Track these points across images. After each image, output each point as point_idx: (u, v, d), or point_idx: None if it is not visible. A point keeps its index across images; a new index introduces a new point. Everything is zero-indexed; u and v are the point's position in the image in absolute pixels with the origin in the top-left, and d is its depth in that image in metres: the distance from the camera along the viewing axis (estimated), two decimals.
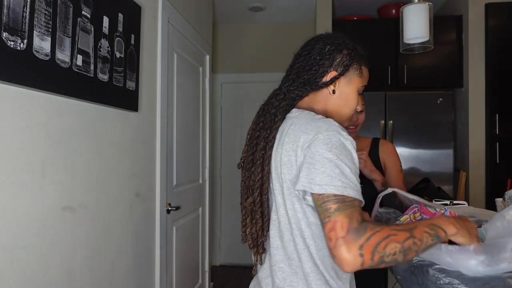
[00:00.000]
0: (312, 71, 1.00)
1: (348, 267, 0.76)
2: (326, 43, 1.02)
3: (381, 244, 0.75)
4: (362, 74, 1.04)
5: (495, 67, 3.02)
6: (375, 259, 0.75)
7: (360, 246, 0.75)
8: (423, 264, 0.97)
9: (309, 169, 0.84)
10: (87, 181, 1.32)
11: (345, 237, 0.76)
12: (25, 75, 1.00)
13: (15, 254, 1.00)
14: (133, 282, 1.65)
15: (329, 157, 0.83)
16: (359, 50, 1.06)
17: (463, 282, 0.87)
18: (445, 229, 0.84)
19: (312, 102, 1.02)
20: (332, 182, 0.81)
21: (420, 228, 0.81)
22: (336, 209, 0.79)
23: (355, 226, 0.77)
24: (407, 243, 0.77)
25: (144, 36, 1.75)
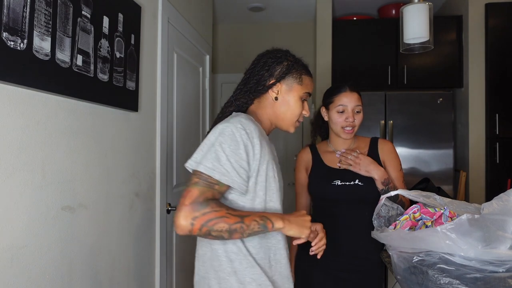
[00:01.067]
0: (254, 80, 1.17)
1: (178, 230, 0.94)
2: (269, 57, 1.18)
3: (212, 221, 0.93)
4: (302, 82, 1.19)
5: (495, 67, 3.02)
6: (203, 231, 0.94)
7: (194, 217, 0.93)
8: (423, 265, 0.97)
9: (197, 149, 1.04)
10: (87, 181, 1.32)
11: (187, 205, 0.94)
12: (25, 75, 1.00)
13: (15, 254, 1.01)
14: (133, 282, 1.65)
15: (212, 143, 1.01)
16: (300, 61, 1.22)
17: (463, 282, 0.87)
18: (273, 222, 1.00)
19: (257, 108, 1.19)
20: (205, 162, 0.98)
21: (252, 217, 0.98)
22: (194, 183, 0.97)
23: (200, 200, 0.95)
24: (234, 226, 0.95)
25: (144, 36, 1.75)
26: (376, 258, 1.52)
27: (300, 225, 1.05)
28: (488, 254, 0.87)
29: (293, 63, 1.18)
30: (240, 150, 1.01)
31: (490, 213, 0.93)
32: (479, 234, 0.88)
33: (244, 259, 1.06)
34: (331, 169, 1.59)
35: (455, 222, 0.93)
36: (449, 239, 0.90)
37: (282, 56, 1.18)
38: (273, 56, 1.18)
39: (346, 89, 1.54)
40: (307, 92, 1.20)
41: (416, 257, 1.00)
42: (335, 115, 1.55)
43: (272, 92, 1.17)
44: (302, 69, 1.20)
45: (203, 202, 0.95)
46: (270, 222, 1.00)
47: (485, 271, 0.88)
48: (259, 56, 1.22)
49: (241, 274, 1.05)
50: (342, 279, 1.51)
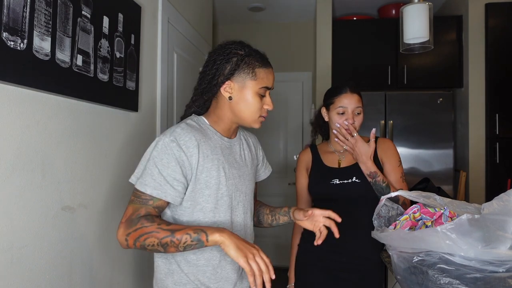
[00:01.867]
0: (206, 81, 1.14)
1: (121, 245, 1.01)
2: (218, 54, 1.13)
3: (142, 237, 0.97)
4: (256, 77, 1.11)
5: (495, 67, 3.02)
6: (137, 245, 0.98)
7: (127, 234, 0.99)
8: (423, 265, 0.97)
9: (139, 165, 1.08)
10: (87, 181, 1.32)
11: (123, 223, 1.00)
12: (25, 75, 1.00)
13: (15, 254, 1.00)
14: (133, 282, 1.65)
15: (147, 158, 1.05)
16: (252, 54, 1.13)
17: (463, 282, 0.87)
18: (209, 235, 0.96)
19: (215, 108, 1.17)
20: (141, 178, 1.03)
21: (184, 231, 0.97)
22: (131, 201, 1.04)
23: (133, 218, 1.00)
24: (165, 240, 0.97)
25: (144, 36, 1.75)
26: (376, 258, 1.52)
27: (241, 248, 0.93)
28: (488, 254, 0.87)
29: (243, 57, 1.10)
30: (172, 163, 1.03)
31: (490, 213, 0.93)
32: (479, 234, 0.88)
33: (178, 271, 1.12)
34: (330, 169, 1.59)
35: (455, 222, 0.92)
36: (449, 239, 0.90)
37: (231, 52, 1.11)
38: (221, 53, 1.12)
39: (347, 90, 1.54)
40: (264, 87, 1.12)
41: (416, 257, 1.00)
42: (335, 116, 1.54)
43: (225, 91, 1.12)
44: (254, 62, 1.11)
45: (135, 219, 0.99)
46: (205, 235, 0.96)
47: (485, 271, 0.88)
48: (209, 53, 1.17)
49: (177, 276, 1.11)
50: (342, 279, 1.51)
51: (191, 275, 1.10)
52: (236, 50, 1.12)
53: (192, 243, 0.97)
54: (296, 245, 1.65)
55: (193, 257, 1.10)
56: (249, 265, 0.91)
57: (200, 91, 1.16)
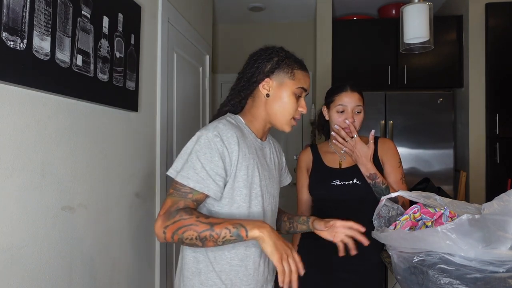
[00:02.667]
0: (245, 79, 1.16)
1: (157, 237, 1.00)
2: (259, 55, 1.16)
3: (180, 229, 0.96)
4: (294, 77, 1.14)
5: (495, 67, 3.02)
6: (175, 239, 0.98)
7: (165, 226, 0.97)
8: (423, 265, 0.97)
9: (177, 157, 1.07)
10: (87, 181, 1.32)
11: (161, 216, 0.99)
12: (25, 75, 1.00)
13: (15, 254, 1.00)
14: (133, 282, 1.65)
15: (189, 151, 1.04)
16: (292, 56, 1.18)
17: (463, 282, 0.87)
18: (249, 230, 0.96)
19: (251, 107, 1.18)
20: (182, 171, 1.02)
21: (223, 225, 0.96)
22: (170, 193, 1.03)
23: (172, 210, 0.99)
24: (204, 233, 0.96)
25: (144, 36, 1.75)
26: (376, 258, 1.52)
27: (277, 246, 0.95)
28: (488, 254, 0.87)
29: (283, 58, 1.14)
30: (215, 158, 1.03)
31: (491, 214, 0.93)
32: (479, 234, 0.88)
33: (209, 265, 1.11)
34: (331, 169, 1.59)
35: (455, 222, 0.92)
36: (449, 239, 0.90)
37: (272, 53, 1.15)
38: (263, 53, 1.16)
39: (347, 89, 1.54)
40: (301, 87, 1.14)
41: (416, 257, 1.00)
42: (335, 115, 1.55)
43: (263, 88, 1.14)
44: (294, 64, 1.15)
45: (174, 212, 0.99)
46: (244, 230, 0.96)
47: (486, 271, 0.88)
48: (251, 55, 1.20)
49: (204, 276, 1.09)
50: (342, 279, 1.51)
51: (223, 274, 1.08)
52: (277, 52, 1.16)
53: (231, 238, 0.96)
54: (296, 245, 1.65)
55: (227, 255, 1.09)
56: (282, 264, 0.94)
57: (238, 89, 1.18)
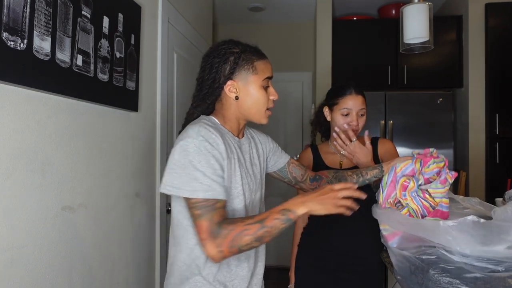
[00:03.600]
0: (206, 86, 1.12)
1: (214, 260, 0.97)
2: (213, 57, 1.12)
3: (235, 240, 0.94)
4: (256, 70, 1.12)
5: (495, 67, 3.02)
6: (234, 251, 0.95)
7: (218, 245, 0.94)
8: (423, 264, 0.97)
9: (166, 171, 1.01)
10: (87, 181, 1.32)
11: (207, 239, 0.95)
12: (25, 75, 1.00)
13: (15, 254, 1.00)
14: (133, 282, 1.65)
15: (182, 164, 0.98)
16: (247, 49, 1.13)
17: (463, 282, 0.87)
18: (295, 211, 0.98)
19: (221, 109, 1.16)
20: (185, 187, 0.97)
21: (271, 217, 0.97)
22: (197, 215, 0.97)
23: (213, 229, 0.95)
24: (259, 233, 0.95)
25: (144, 36, 1.75)
26: (376, 258, 1.52)
27: (326, 203, 1.00)
28: (484, 252, 0.88)
29: (239, 54, 1.10)
30: (211, 161, 1.00)
31: (500, 220, 0.93)
32: (480, 235, 0.89)
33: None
34: (331, 169, 1.59)
35: (459, 221, 0.93)
36: (449, 234, 0.91)
37: (226, 52, 1.11)
38: (217, 55, 1.11)
39: (352, 92, 1.52)
40: (266, 78, 1.13)
41: (416, 257, 1.00)
42: (339, 118, 1.53)
43: (230, 92, 1.11)
44: (252, 57, 1.12)
45: (216, 229, 0.96)
46: (292, 213, 0.98)
47: (485, 270, 0.88)
48: (204, 57, 1.16)
49: (193, 280, 1.08)
50: (342, 279, 1.51)
51: (210, 276, 1.07)
52: (231, 49, 1.12)
53: (283, 225, 0.97)
54: (297, 245, 1.65)
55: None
56: (341, 208, 1.00)
57: (202, 97, 1.15)
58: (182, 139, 1.02)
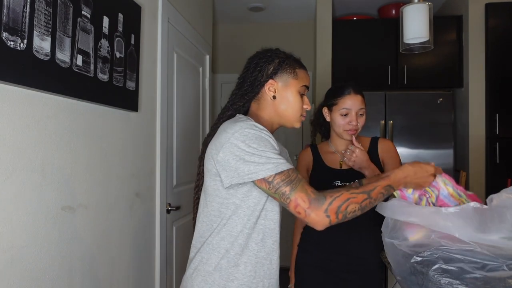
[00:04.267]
0: (248, 83, 1.16)
1: (319, 227, 0.98)
2: (259, 58, 1.17)
3: (342, 206, 0.97)
4: (297, 76, 1.17)
5: (495, 67, 3.02)
6: (340, 217, 0.97)
7: (325, 210, 0.96)
8: (423, 265, 0.97)
9: (242, 163, 1.00)
10: (87, 181, 1.32)
11: (311, 207, 0.96)
12: (25, 75, 1.00)
13: (15, 254, 1.01)
14: (133, 282, 1.65)
15: (249, 151, 0.99)
16: (291, 57, 1.20)
17: (463, 282, 0.87)
18: (395, 188, 1.07)
19: (257, 110, 1.18)
20: (257, 170, 0.98)
21: (377, 190, 1.02)
22: (291, 189, 0.98)
23: (314, 196, 0.97)
24: (364, 202, 0.99)
25: (144, 36, 1.75)
26: (376, 258, 1.52)
27: (421, 182, 1.10)
28: (482, 239, 0.89)
29: (284, 59, 1.16)
30: (269, 143, 1.02)
31: (499, 205, 0.94)
32: (480, 222, 0.90)
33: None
34: (331, 169, 1.58)
35: (460, 207, 0.97)
36: (449, 220, 0.94)
37: (272, 55, 1.17)
38: (263, 56, 1.17)
39: (350, 92, 1.52)
40: (304, 85, 1.18)
41: (416, 257, 1.00)
42: (338, 118, 1.54)
43: (269, 91, 1.15)
44: (295, 64, 1.18)
45: (319, 196, 0.97)
46: (393, 189, 1.06)
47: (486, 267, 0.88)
48: (250, 58, 1.21)
49: (225, 271, 1.06)
50: (342, 279, 1.51)
51: (248, 265, 1.07)
52: (277, 54, 1.18)
53: (383, 198, 1.05)
54: (297, 245, 1.65)
55: (254, 247, 1.09)
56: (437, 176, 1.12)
57: (241, 93, 1.17)
58: (236, 131, 1.02)
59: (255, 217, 1.08)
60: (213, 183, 1.09)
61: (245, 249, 1.08)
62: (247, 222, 1.07)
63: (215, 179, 1.07)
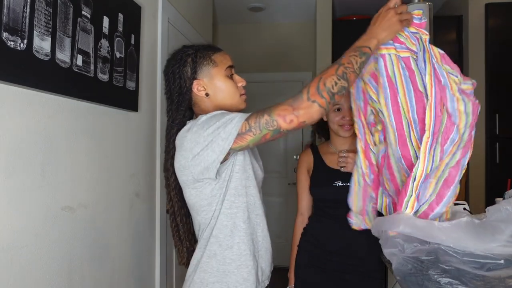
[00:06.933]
0: (176, 94, 1.15)
1: (315, 115, 0.94)
2: (172, 66, 1.15)
3: (319, 85, 0.93)
4: (216, 63, 1.15)
5: (495, 67, 3.02)
6: (325, 95, 0.93)
7: (307, 99, 0.93)
8: (423, 265, 0.97)
9: (206, 147, 1.00)
10: (87, 181, 1.32)
11: (294, 108, 0.93)
12: (25, 75, 1.00)
13: (15, 254, 1.01)
14: (133, 282, 1.65)
15: (214, 126, 0.99)
16: (201, 47, 1.17)
17: (462, 282, 0.87)
18: (368, 45, 1.01)
19: (202, 112, 1.15)
20: (235, 120, 0.98)
21: (346, 55, 0.98)
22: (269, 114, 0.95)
23: (291, 100, 0.95)
24: (339, 70, 0.95)
25: (144, 36, 1.75)
26: (376, 258, 1.52)
27: (391, 27, 1.04)
28: (479, 250, 0.89)
29: (195, 54, 1.14)
30: (222, 113, 1.03)
31: (494, 220, 0.93)
32: (474, 234, 0.90)
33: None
34: (332, 170, 1.59)
35: (452, 223, 0.94)
36: (443, 234, 0.93)
37: (183, 56, 1.15)
38: (175, 62, 1.15)
39: None
40: (228, 67, 1.15)
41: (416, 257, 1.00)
42: (332, 114, 1.56)
43: (199, 92, 1.14)
44: (208, 52, 1.16)
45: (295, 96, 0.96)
46: (366, 47, 1.01)
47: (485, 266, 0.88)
48: (165, 70, 1.19)
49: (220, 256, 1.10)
50: (342, 279, 1.52)
51: (242, 245, 1.09)
52: (186, 52, 1.16)
53: (361, 59, 0.99)
54: (296, 245, 1.65)
55: (243, 226, 1.10)
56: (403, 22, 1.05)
57: (175, 107, 1.16)
58: (189, 130, 1.05)
59: (241, 195, 1.10)
60: (194, 191, 1.10)
61: (234, 230, 1.09)
62: (231, 204, 1.08)
63: (195, 186, 1.09)
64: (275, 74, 4.11)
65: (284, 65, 4.07)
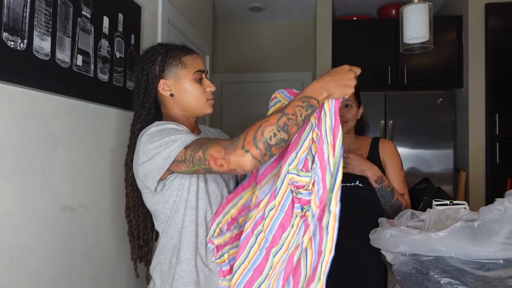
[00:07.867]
0: (142, 90, 1.14)
1: (247, 166, 0.88)
2: (142, 62, 1.14)
3: (257, 134, 0.87)
4: (185, 65, 1.13)
5: (495, 67, 3.02)
6: (261, 146, 0.87)
7: (242, 147, 0.88)
8: (423, 265, 0.97)
9: (147, 162, 1.00)
10: (87, 181, 1.32)
11: (225, 155, 0.89)
12: (25, 75, 1.00)
13: (15, 254, 1.01)
14: (133, 282, 1.65)
15: (156, 145, 0.98)
16: (174, 47, 1.15)
17: (462, 282, 0.87)
18: (316, 97, 0.93)
19: (167, 112, 1.17)
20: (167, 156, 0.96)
21: (292, 104, 0.91)
22: (202, 153, 0.92)
23: (226, 144, 0.90)
24: (281, 121, 0.89)
25: (144, 36, 1.75)
26: (376, 258, 1.52)
27: (345, 85, 0.95)
28: (479, 256, 0.89)
29: (166, 53, 1.13)
30: (173, 129, 1.01)
31: (488, 221, 0.93)
32: (471, 239, 0.90)
33: None
34: None
35: (448, 230, 0.94)
36: (441, 245, 0.93)
37: (154, 53, 1.13)
38: (146, 58, 1.14)
39: None
40: (197, 71, 1.13)
41: (416, 258, 1.00)
42: None
43: (164, 91, 1.13)
44: (179, 53, 1.14)
45: (232, 140, 0.91)
46: (313, 99, 0.93)
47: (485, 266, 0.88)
48: (136, 64, 1.18)
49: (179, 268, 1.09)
50: (342, 279, 1.51)
51: (192, 261, 1.08)
52: (157, 50, 1.14)
53: (307, 112, 0.92)
54: None
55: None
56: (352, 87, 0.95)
57: (141, 102, 1.15)
58: (141, 137, 1.05)
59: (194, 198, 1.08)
60: (147, 195, 1.10)
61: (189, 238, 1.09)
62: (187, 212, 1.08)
63: (147, 192, 1.08)
64: (275, 74, 4.11)
65: (284, 65, 4.07)
